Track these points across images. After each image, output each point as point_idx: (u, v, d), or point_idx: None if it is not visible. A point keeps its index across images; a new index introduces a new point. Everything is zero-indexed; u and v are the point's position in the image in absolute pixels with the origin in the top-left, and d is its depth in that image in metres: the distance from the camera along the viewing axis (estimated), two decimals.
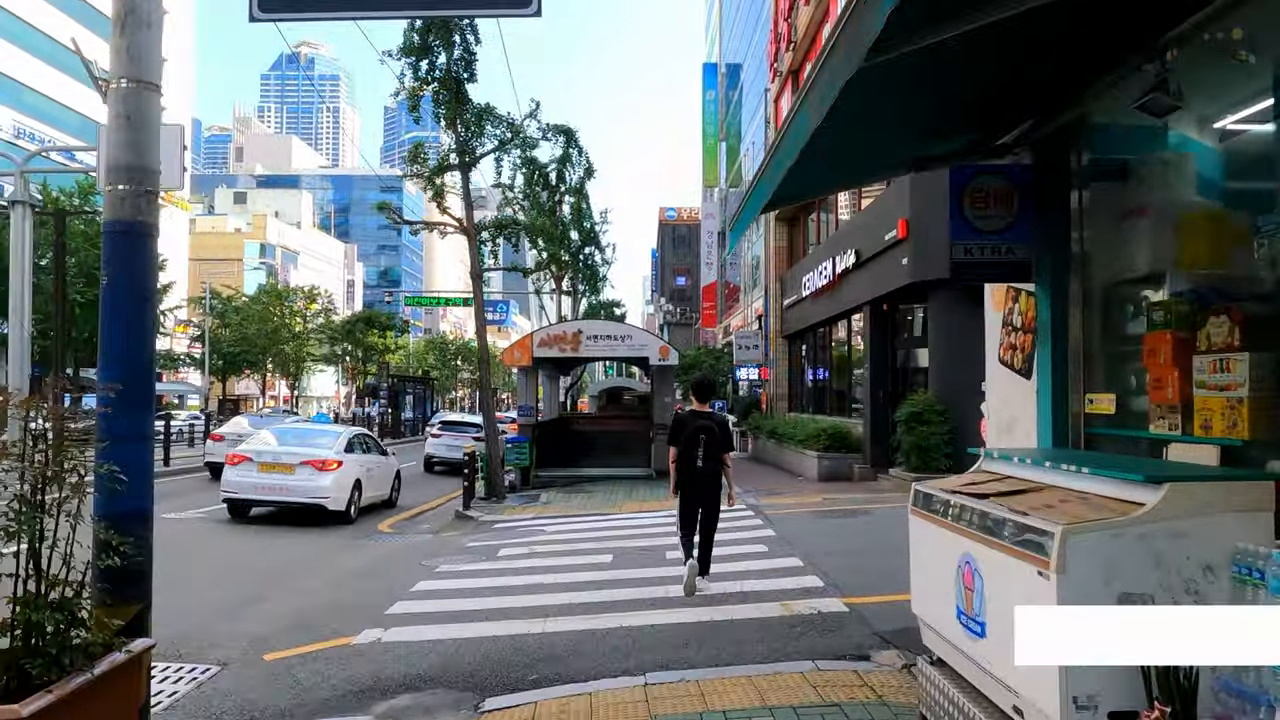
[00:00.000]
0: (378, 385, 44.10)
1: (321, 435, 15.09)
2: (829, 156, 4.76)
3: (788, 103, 26.82)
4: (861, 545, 9.67)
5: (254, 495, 13.55)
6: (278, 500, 13.52)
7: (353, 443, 14.87)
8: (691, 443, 7.89)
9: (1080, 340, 4.95)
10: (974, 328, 15.06)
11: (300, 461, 13.48)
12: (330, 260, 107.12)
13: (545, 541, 11.31)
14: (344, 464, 13.88)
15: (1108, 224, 4.86)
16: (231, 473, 13.59)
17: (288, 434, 15.28)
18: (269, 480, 13.39)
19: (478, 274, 16.77)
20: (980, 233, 5.31)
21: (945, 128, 5.35)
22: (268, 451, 13.79)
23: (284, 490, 13.38)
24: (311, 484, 13.40)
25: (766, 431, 23.87)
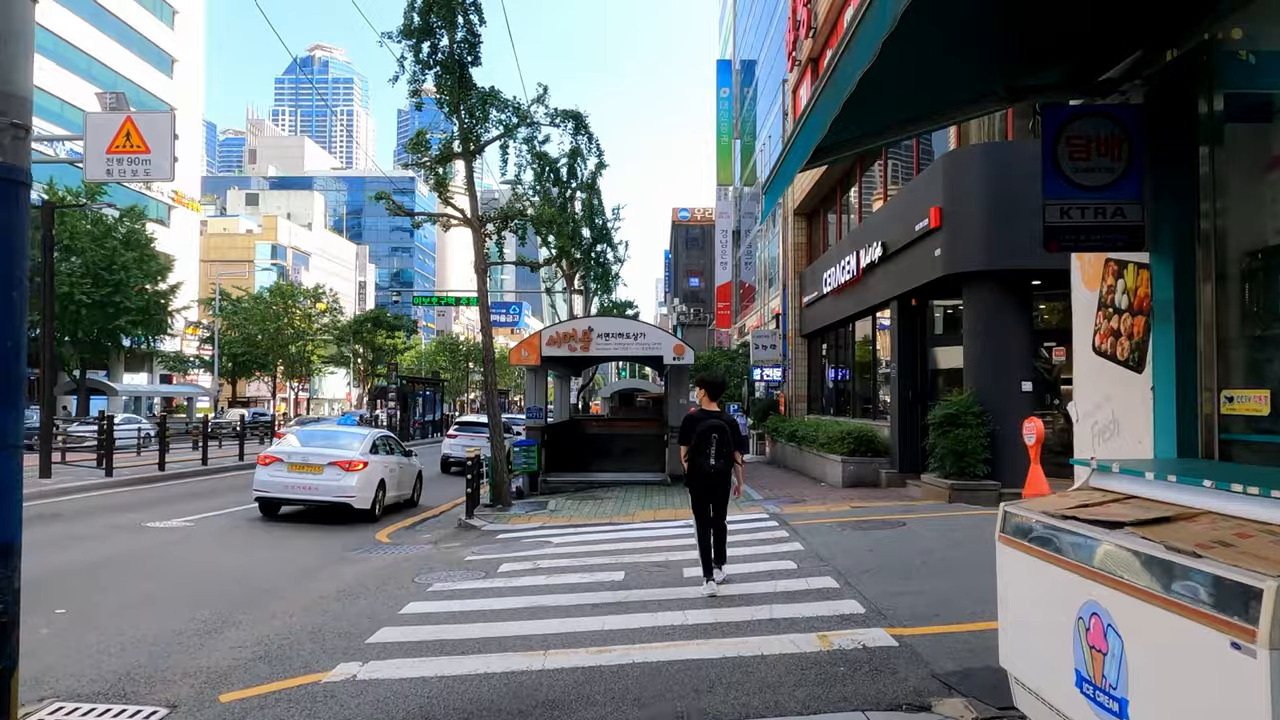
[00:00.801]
0: (387, 387, 43.27)
1: (348, 437, 15.61)
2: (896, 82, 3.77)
3: (807, 93, 25.81)
4: (902, 562, 8.68)
5: (284, 494, 14.20)
6: (306, 499, 14.13)
7: (377, 444, 15.41)
8: (703, 441, 8.09)
9: (1213, 323, 3.95)
10: (1013, 323, 14.07)
11: (328, 462, 14.10)
12: (342, 261, 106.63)
13: (551, 555, 10.36)
14: (369, 465, 14.43)
15: (1249, 176, 3.85)
16: (263, 473, 14.25)
17: (315, 436, 15.86)
18: (298, 480, 14.05)
19: (482, 268, 15.85)
20: (1080, 189, 4.35)
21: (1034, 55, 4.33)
22: (297, 453, 14.42)
23: (312, 489, 14.00)
24: (338, 484, 14.00)
25: (786, 434, 22.86)
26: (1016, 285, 13.75)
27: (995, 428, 13.32)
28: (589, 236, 31.92)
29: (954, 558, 8.71)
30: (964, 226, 13.80)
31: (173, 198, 62.67)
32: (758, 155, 48.04)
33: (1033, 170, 12.62)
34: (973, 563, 8.43)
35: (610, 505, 15.41)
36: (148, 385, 58.17)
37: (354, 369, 66.32)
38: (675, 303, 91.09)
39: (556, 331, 18.10)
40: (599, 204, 31.61)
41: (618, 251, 33.00)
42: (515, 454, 18.05)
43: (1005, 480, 13.21)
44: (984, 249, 13.57)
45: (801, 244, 26.93)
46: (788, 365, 27.07)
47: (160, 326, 48.26)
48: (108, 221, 42.84)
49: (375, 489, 14.46)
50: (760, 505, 14.41)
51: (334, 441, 15.08)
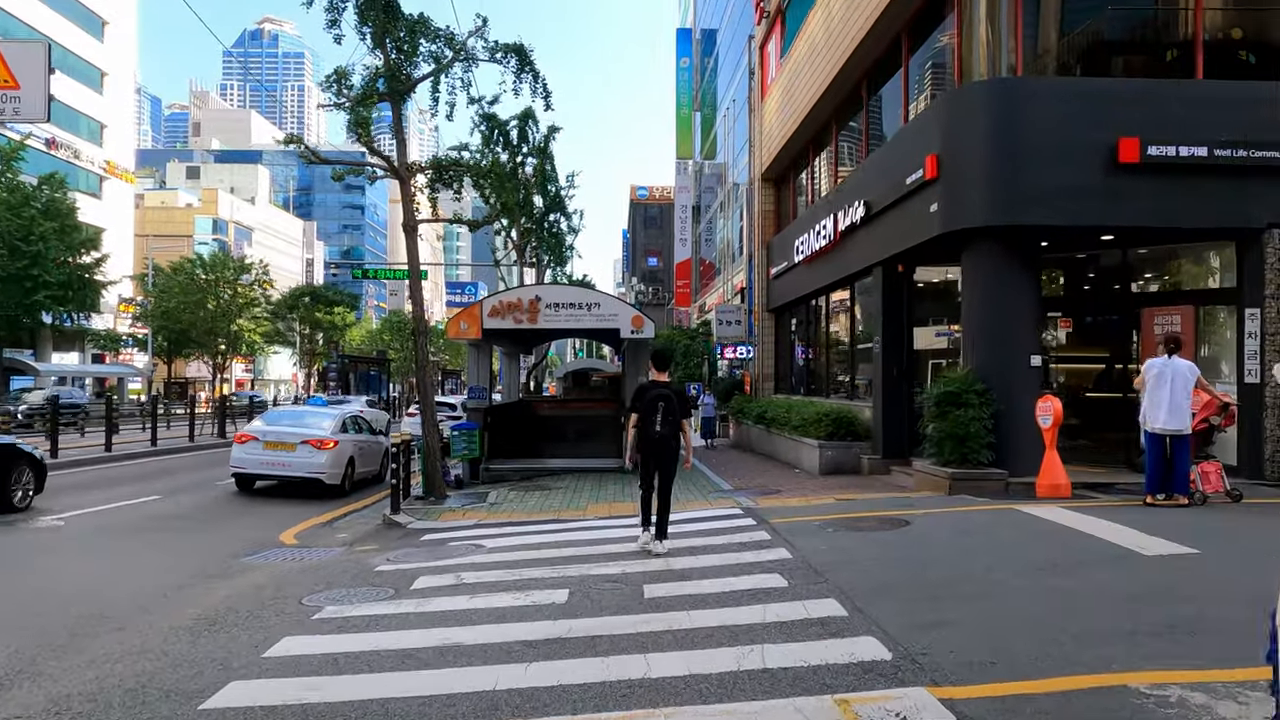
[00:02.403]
0: (328, 366, 40.84)
1: (320, 417, 16.49)
2: None
3: (774, 49, 23.91)
4: (920, 577, 6.87)
5: (259, 470, 15.04)
6: (280, 475, 15.01)
7: (347, 424, 16.35)
8: (650, 409, 8.50)
9: None
10: (1020, 288, 12.25)
11: (301, 440, 14.84)
12: (288, 238, 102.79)
13: (480, 565, 8.40)
14: (339, 443, 15.27)
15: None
16: (239, 450, 15.11)
17: (289, 415, 16.96)
18: (272, 457, 14.84)
19: (412, 226, 13.76)
20: None
21: None
22: (272, 431, 15.13)
23: (285, 466, 14.83)
24: (310, 460, 14.76)
25: (754, 416, 21.08)
26: (1024, 245, 12.02)
27: (1000, 408, 11.60)
28: (541, 205, 29.84)
29: (985, 570, 6.92)
30: (965, 177, 12.02)
31: (104, 168, 59.14)
32: (719, 124, 46.11)
33: (1045, 111, 10.82)
34: (1013, 578, 6.64)
35: (559, 497, 13.48)
36: (77, 365, 54.89)
37: (300, 349, 63.37)
38: (634, 282, 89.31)
39: (500, 301, 16.06)
40: (552, 170, 29.51)
41: (572, 221, 30.92)
42: (454, 439, 16.08)
43: (1013, 468, 11.51)
44: (988, 202, 11.81)
45: (769, 212, 25.09)
46: (754, 342, 25.27)
47: (87, 303, 45.16)
48: (26, 189, 39.69)
49: (345, 466, 15.33)
50: (731, 498, 12.58)
51: (307, 421, 15.98)
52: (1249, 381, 11.62)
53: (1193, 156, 11.41)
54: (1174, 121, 11.49)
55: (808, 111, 19.43)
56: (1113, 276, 13.87)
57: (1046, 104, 11.63)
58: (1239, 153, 11.42)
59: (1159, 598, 5.96)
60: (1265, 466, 11.56)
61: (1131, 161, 11.38)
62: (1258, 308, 11.71)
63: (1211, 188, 11.52)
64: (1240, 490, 9.97)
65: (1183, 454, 9.58)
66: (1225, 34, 12.83)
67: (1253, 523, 8.89)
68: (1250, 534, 8.29)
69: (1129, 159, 11.38)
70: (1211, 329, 12.37)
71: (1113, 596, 6.06)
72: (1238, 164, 11.44)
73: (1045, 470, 10.80)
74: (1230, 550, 7.42)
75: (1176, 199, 11.54)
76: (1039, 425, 10.95)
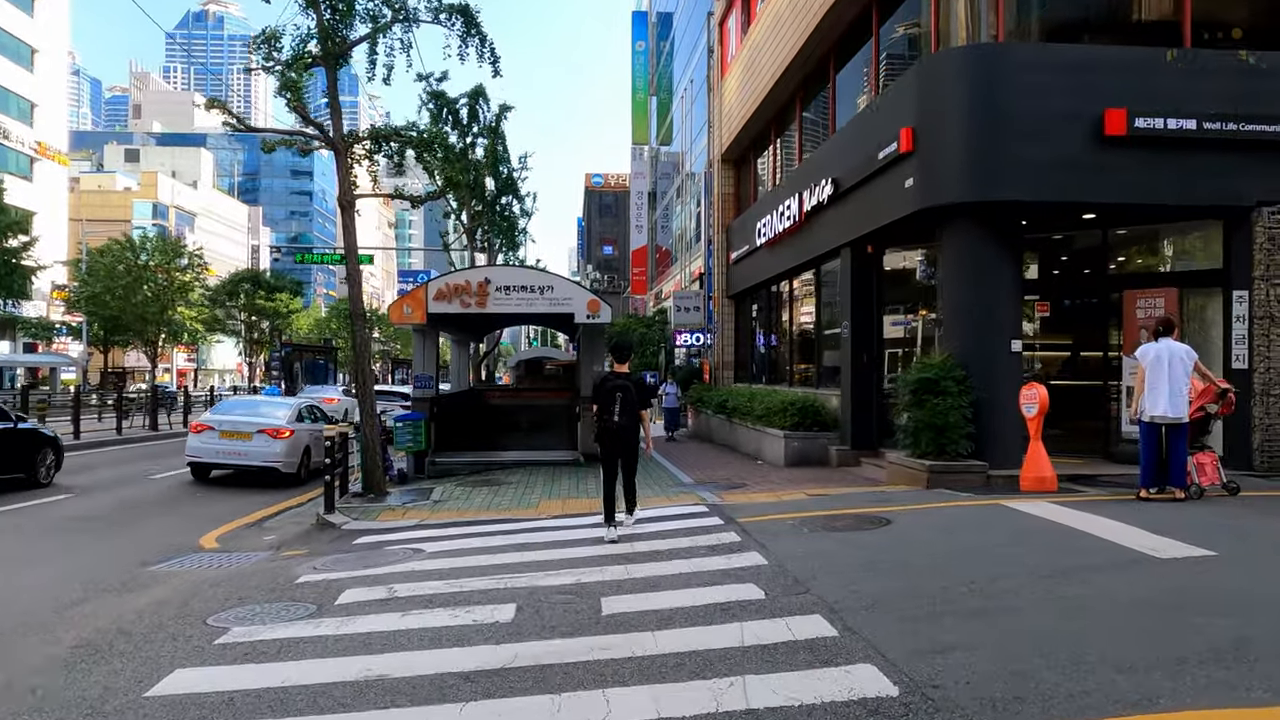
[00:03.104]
0: (271, 355, 39.28)
1: (275, 406, 16.56)
2: None
3: (735, 25, 23.07)
4: (914, 587, 6.07)
5: (215, 459, 15.18)
6: (236, 464, 15.13)
7: (303, 413, 16.35)
8: (609, 400, 8.66)
9: None
10: (1000, 269, 11.48)
11: (257, 430, 14.98)
12: (233, 224, 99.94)
13: (418, 575, 7.46)
14: (295, 432, 15.35)
15: None
16: (195, 439, 15.24)
17: (245, 405, 16.95)
18: (228, 446, 14.94)
19: (349, 201, 12.68)
20: None
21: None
22: (228, 420, 15.28)
23: (242, 455, 14.93)
24: (266, 450, 14.90)
25: (714, 405, 20.29)
26: (1004, 223, 11.31)
27: (980, 395, 10.90)
28: (493, 188, 28.74)
29: (987, 579, 6.15)
30: (943, 150, 11.28)
31: (35, 149, 56.54)
32: (676, 107, 45.22)
33: (1029, 80, 10.05)
34: (1019, 587, 5.88)
35: (509, 494, 12.55)
36: (7, 355, 52.45)
37: (245, 337, 61.29)
38: (589, 270, 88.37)
39: (446, 284, 15.03)
40: (504, 150, 28.41)
41: (525, 204, 29.83)
42: (398, 430, 15.05)
43: (993, 460, 10.83)
44: (967, 177, 11.08)
45: (729, 194, 24.28)
46: (713, 329, 24.49)
47: (15, 289, 42.96)
48: None
49: (301, 455, 15.41)
50: (694, 493, 11.75)
51: (263, 410, 16.00)
52: (1236, 367, 11.07)
53: (1181, 129, 10.79)
54: (1162, 92, 10.86)
55: (770, 88, 18.63)
56: (1092, 258, 13.28)
57: (1029, 72, 10.92)
58: (1228, 126, 10.83)
59: (1190, 611, 5.23)
60: (1254, 456, 11.02)
61: (1118, 134, 10.73)
62: (1245, 290, 11.16)
63: (1199, 163, 10.92)
64: (1237, 483, 9.37)
65: (1180, 444, 8.94)
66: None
67: (1259, 519, 8.26)
68: (1262, 532, 7.65)
69: (1115, 131, 10.73)
70: (1196, 313, 11.79)
71: (1138, 609, 5.32)
72: (1227, 138, 10.85)
73: (1030, 462, 10.13)
74: (1249, 552, 6.74)
75: (1163, 174, 10.92)
76: (1023, 414, 10.28)
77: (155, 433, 25.36)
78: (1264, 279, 11.06)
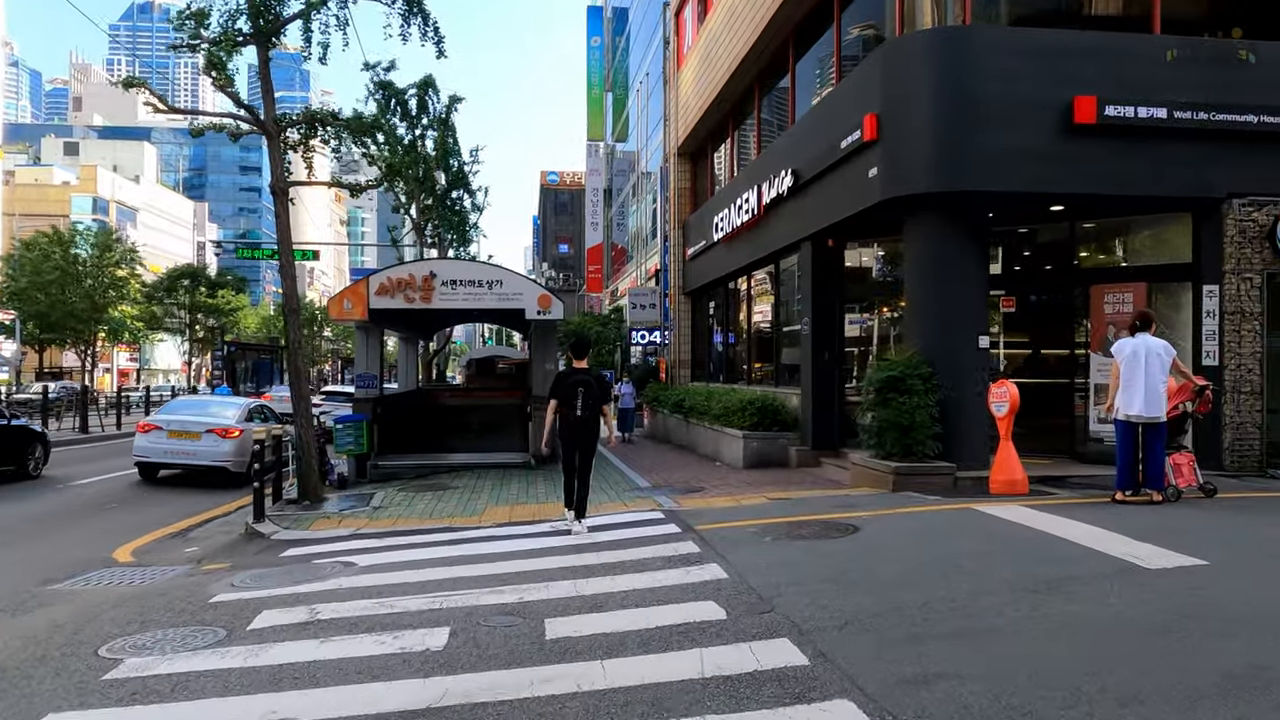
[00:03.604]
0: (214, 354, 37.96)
1: (225, 406, 16.45)
2: None
3: (691, 15, 22.54)
4: (889, 604, 5.54)
5: (162, 459, 15.07)
6: (184, 464, 15.04)
7: (253, 413, 16.22)
8: (570, 394, 8.81)
9: None
10: (966, 262, 10.92)
11: (206, 429, 14.87)
12: (177, 220, 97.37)
13: (344, 593, 6.77)
14: (245, 432, 14.92)
15: None
16: (142, 439, 15.04)
17: (194, 405, 16.95)
18: (177, 446, 14.82)
19: (282, 189, 11.89)
20: None
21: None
22: (175, 420, 15.13)
23: (190, 455, 14.82)
24: (215, 449, 14.80)
25: (670, 405, 19.74)
26: (971, 214, 10.88)
27: (947, 394, 10.45)
28: (443, 182, 27.93)
29: (967, 594, 5.64)
30: (909, 138, 10.82)
31: None
32: (632, 101, 44.69)
33: (997, 65, 9.60)
34: (1002, 604, 5.36)
35: (454, 499, 11.86)
36: None
37: (190, 335, 59.43)
38: (544, 268, 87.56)
39: (389, 278, 14.28)
40: (454, 143, 27.62)
41: (476, 198, 29.03)
42: (339, 432, 14.29)
43: (961, 461, 10.39)
44: (934, 166, 10.63)
45: (685, 189, 23.76)
46: (669, 326, 23.95)
47: None
48: None
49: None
50: (650, 497, 11.16)
51: (212, 410, 15.87)
52: (1207, 364, 10.75)
53: (1152, 118, 10.44)
54: (1132, 80, 10.50)
55: (728, 78, 18.12)
56: (1059, 252, 12.93)
57: (997, 57, 10.50)
58: (1199, 115, 10.51)
59: (1193, 631, 4.75)
60: (1224, 456, 10.72)
61: (1087, 122, 10.34)
62: (1216, 284, 10.86)
63: (1170, 153, 10.59)
64: (1214, 484, 9.02)
65: (1157, 445, 8.55)
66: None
67: (1243, 523, 7.89)
68: (1250, 539, 7.24)
69: (1085, 119, 10.34)
70: (1165, 308, 11.47)
71: (1134, 629, 4.84)
72: (1198, 127, 10.53)
73: (1000, 464, 9.69)
74: (1241, 561, 6.32)
75: (1133, 165, 10.57)
76: (992, 413, 9.86)
77: (85, 435, 24.17)
78: (1235, 273, 10.76)
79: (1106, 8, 12.28)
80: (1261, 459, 10.78)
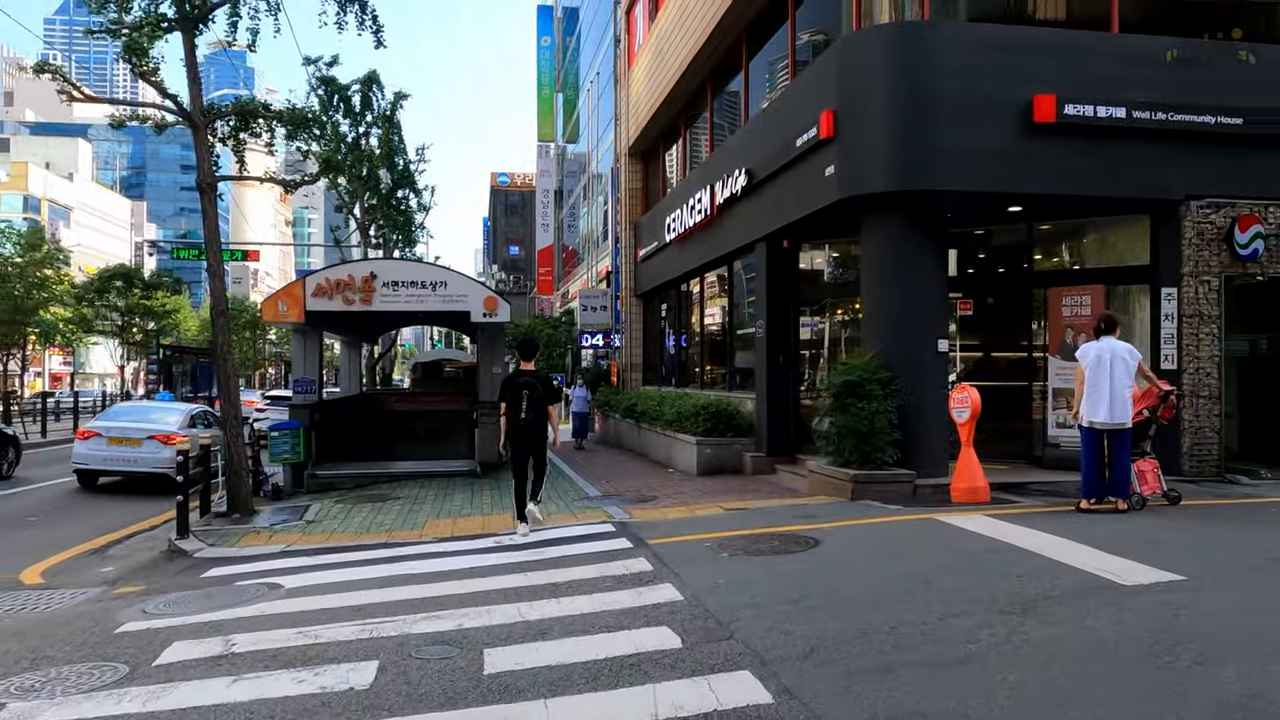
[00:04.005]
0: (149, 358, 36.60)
1: (166, 411, 16.36)
2: None
3: (642, 13, 22.16)
4: (855, 628, 5.15)
5: (103, 466, 14.83)
6: (125, 470, 14.82)
7: (195, 419, 16.02)
8: (516, 398, 8.85)
9: None
10: (925, 264, 10.44)
11: (147, 436, 14.63)
12: (114, 219, 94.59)
13: (266, 620, 6.21)
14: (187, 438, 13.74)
15: None
16: (82, 446, 14.81)
17: (135, 411, 16.63)
18: (117, 453, 14.63)
19: (210, 183, 11.22)
20: None
21: None
22: (115, 427, 14.87)
23: (131, 461, 14.61)
24: (157, 456, 14.42)
25: (622, 409, 19.31)
26: (930, 215, 10.61)
27: (906, 399, 10.16)
28: (388, 181, 27.20)
29: (938, 617, 5.27)
30: (866, 135, 10.51)
31: None
32: (582, 102, 44.22)
33: (957, 61, 9.27)
34: (977, 627, 4.99)
35: (395, 511, 11.28)
36: None
37: (123, 339, 57.47)
38: (495, 270, 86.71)
39: (327, 279, 13.63)
40: (400, 141, 26.91)
41: (422, 198, 28.30)
42: (274, 440, 13.65)
43: (920, 468, 10.10)
44: (892, 164, 10.33)
45: (637, 189, 23.35)
46: (621, 329, 23.51)
47: None
48: None
49: None
50: (600, 508, 10.69)
51: (153, 416, 15.67)
52: (1166, 367, 10.60)
53: (1110, 118, 10.26)
54: (1092, 79, 10.31)
55: (680, 76, 17.75)
56: (1016, 254, 12.75)
57: (957, 53, 10.23)
58: (1158, 115, 10.36)
59: (1177, 654, 4.43)
60: (1183, 460, 10.58)
61: (1047, 121, 10.13)
62: (1174, 287, 10.72)
63: (1128, 153, 10.42)
64: (1178, 491, 8.82)
65: (1123, 452, 8.31)
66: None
67: (1214, 534, 7.66)
68: (1223, 551, 6.97)
69: (1044, 118, 10.12)
70: (1124, 311, 11.31)
71: (1116, 654, 4.50)
72: (1156, 128, 10.37)
73: (961, 471, 9.40)
74: (1218, 576, 6.04)
75: (1092, 165, 10.38)
76: (953, 419, 9.57)
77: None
78: (1193, 275, 10.63)
79: (1063, 6, 12.10)
80: (1220, 463, 10.66)
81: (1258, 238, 10.64)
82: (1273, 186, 10.80)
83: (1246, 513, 8.67)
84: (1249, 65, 10.65)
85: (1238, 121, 10.46)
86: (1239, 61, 10.65)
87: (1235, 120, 10.45)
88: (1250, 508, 8.95)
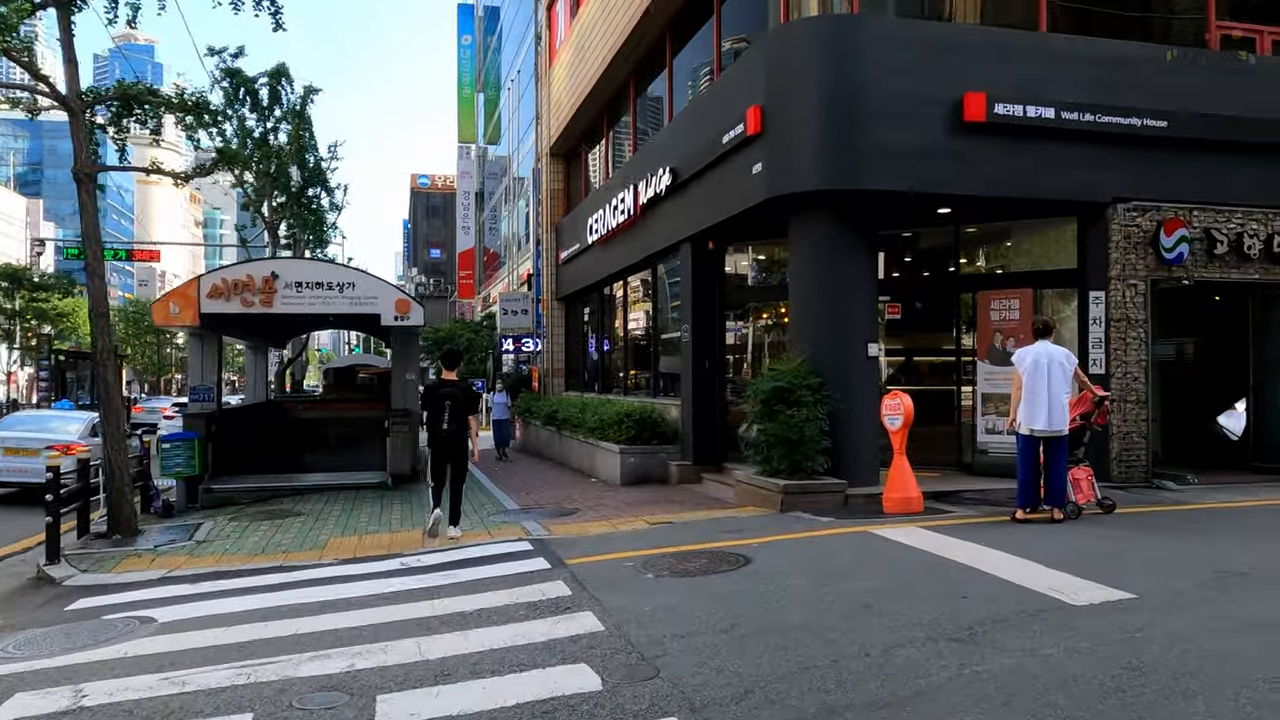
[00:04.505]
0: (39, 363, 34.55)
1: (66, 420, 15.96)
2: None
3: (564, 8, 21.58)
4: (793, 662, 4.67)
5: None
6: (21, 482, 14.12)
7: (97, 428, 14.31)
8: (438, 408, 9.03)
9: None
10: (855, 266, 9.96)
11: (45, 445, 13.55)
12: (8, 217, 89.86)
13: (126, 664, 5.45)
14: (88, 448, 13.57)
15: None
16: None
17: (32, 420, 16.53)
18: (14, 464, 14.10)
19: (88, 173, 10.24)
20: None
21: None
22: (11, 437, 14.42)
23: (27, 473, 13.84)
24: None
25: (543, 416, 18.67)
26: (860, 216, 10.28)
27: (836, 406, 9.79)
28: (298, 178, 26.02)
29: (882, 648, 4.83)
30: (795, 132, 10.13)
31: None
32: (504, 101, 43.39)
33: (888, 56, 8.88)
34: (925, 658, 4.56)
35: (295, 528, 10.47)
36: None
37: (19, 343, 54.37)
38: (415, 273, 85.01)
39: (223, 279, 12.70)
40: (311, 138, 25.78)
41: (335, 196, 27.21)
42: (165, 453, 12.67)
43: (851, 477, 9.75)
44: (821, 162, 9.96)
45: (558, 190, 22.74)
46: (542, 334, 22.85)
47: None
48: None
49: None
50: (517, 523, 10.07)
51: (51, 426, 15.21)
52: (1094, 372, 10.45)
53: (1040, 118, 10.09)
54: (1022, 78, 10.12)
55: (602, 73, 17.23)
56: (944, 257, 12.55)
57: (889, 48, 9.93)
58: (1085, 116, 10.22)
59: (1141, 685, 4.05)
60: (1112, 466, 10.46)
61: (977, 120, 9.90)
62: (1102, 290, 10.61)
63: (1057, 154, 10.27)
64: (1112, 499, 8.62)
65: (1060, 460, 8.07)
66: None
67: (1153, 544, 7.43)
68: (1168, 563, 6.71)
69: (974, 117, 9.89)
70: (1052, 314, 11.16)
71: (1077, 687, 4.09)
72: (1084, 129, 10.24)
73: (894, 481, 9.06)
74: (1167, 593, 5.74)
75: (1021, 166, 10.19)
76: (885, 426, 9.23)
77: None
78: (1120, 279, 10.53)
79: (992, 3, 11.94)
80: (1148, 469, 10.58)
81: (1183, 241, 10.60)
82: (1196, 190, 10.79)
83: (1180, 521, 8.51)
84: (1175, 67, 10.59)
85: (1163, 124, 10.39)
86: (1166, 62, 10.58)
87: (1161, 123, 10.38)
88: (1183, 515, 8.81)
